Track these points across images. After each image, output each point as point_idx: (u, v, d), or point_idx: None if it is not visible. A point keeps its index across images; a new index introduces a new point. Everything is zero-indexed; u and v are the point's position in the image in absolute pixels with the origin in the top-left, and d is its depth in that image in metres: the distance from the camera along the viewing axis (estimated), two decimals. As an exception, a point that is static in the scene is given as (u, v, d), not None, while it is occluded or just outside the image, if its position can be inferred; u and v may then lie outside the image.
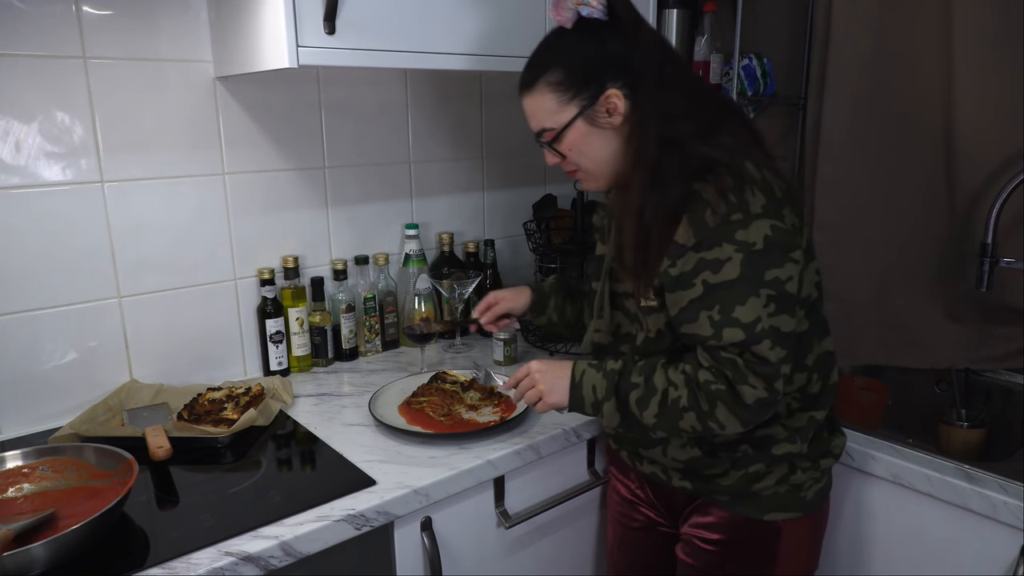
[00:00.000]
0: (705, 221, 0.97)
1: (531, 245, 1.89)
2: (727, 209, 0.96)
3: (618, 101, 1.03)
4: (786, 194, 1.01)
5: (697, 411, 1.01)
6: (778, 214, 0.98)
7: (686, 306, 1.01)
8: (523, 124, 1.14)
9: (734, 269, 0.96)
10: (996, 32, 1.46)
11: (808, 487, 1.15)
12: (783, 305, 0.98)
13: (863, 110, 1.61)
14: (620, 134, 1.05)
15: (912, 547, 1.28)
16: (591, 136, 1.06)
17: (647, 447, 1.18)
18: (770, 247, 0.96)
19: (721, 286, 0.97)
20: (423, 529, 1.18)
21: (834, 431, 1.20)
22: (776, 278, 0.97)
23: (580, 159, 1.10)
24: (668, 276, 1.02)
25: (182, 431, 1.27)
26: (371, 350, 1.73)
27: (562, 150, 1.09)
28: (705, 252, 0.98)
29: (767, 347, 0.97)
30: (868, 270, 1.65)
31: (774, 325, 0.97)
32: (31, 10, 1.24)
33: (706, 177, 0.98)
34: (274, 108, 1.54)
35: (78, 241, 1.35)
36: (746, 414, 1.00)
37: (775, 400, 1.00)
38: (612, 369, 1.08)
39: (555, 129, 1.07)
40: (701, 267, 0.98)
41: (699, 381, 1.01)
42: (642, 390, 1.05)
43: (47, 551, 0.91)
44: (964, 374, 1.58)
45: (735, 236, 0.96)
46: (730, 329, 0.97)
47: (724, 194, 0.96)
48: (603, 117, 1.04)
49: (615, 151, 1.07)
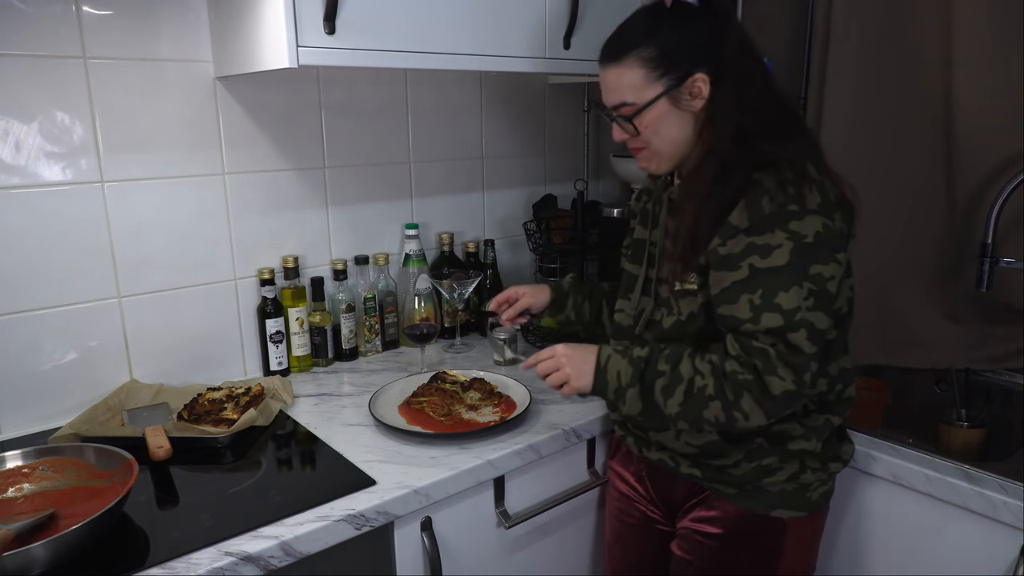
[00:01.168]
0: (762, 207, 0.99)
1: (531, 245, 1.89)
2: (784, 199, 0.98)
3: (703, 86, 1.05)
4: (839, 200, 1.04)
5: (723, 400, 1.02)
6: (830, 215, 1.01)
7: (728, 287, 1.02)
8: (523, 124, 1.14)
9: (783, 256, 0.98)
10: (996, 32, 1.46)
11: (815, 488, 1.16)
12: (821, 302, 1.00)
13: (863, 110, 1.61)
14: (697, 119, 1.07)
15: (912, 547, 1.28)
16: (670, 117, 1.07)
17: (658, 431, 1.18)
18: (820, 243, 0.99)
19: (767, 271, 0.99)
20: (423, 529, 1.18)
21: (843, 439, 1.23)
22: (820, 274, 0.99)
23: (653, 138, 1.10)
24: (716, 255, 1.03)
25: (182, 431, 1.27)
26: (371, 350, 1.73)
27: (639, 127, 1.09)
28: (756, 237, 0.99)
29: (803, 336, 0.98)
30: (867, 270, 1.64)
31: (810, 319, 0.99)
32: (31, 10, 1.24)
33: (768, 169, 1.01)
34: (274, 108, 1.54)
35: (78, 241, 1.35)
36: (771, 405, 1.01)
37: (801, 394, 1.01)
38: (639, 356, 1.09)
39: (636, 105, 1.07)
40: (750, 251, 1.00)
41: (726, 371, 1.02)
42: (668, 378, 1.05)
43: (47, 551, 0.91)
44: (964, 374, 1.58)
45: (789, 225, 0.98)
46: (769, 314, 0.98)
47: (784, 185, 0.99)
48: (686, 100, 1.06)
49: (689, 135, 1.09)
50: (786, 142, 1.04)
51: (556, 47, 1.51)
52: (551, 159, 2.08)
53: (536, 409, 1.40)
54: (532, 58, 1.48)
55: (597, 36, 1.56)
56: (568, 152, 2.11)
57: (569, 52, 1.53)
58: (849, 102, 1.62)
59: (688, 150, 1.10)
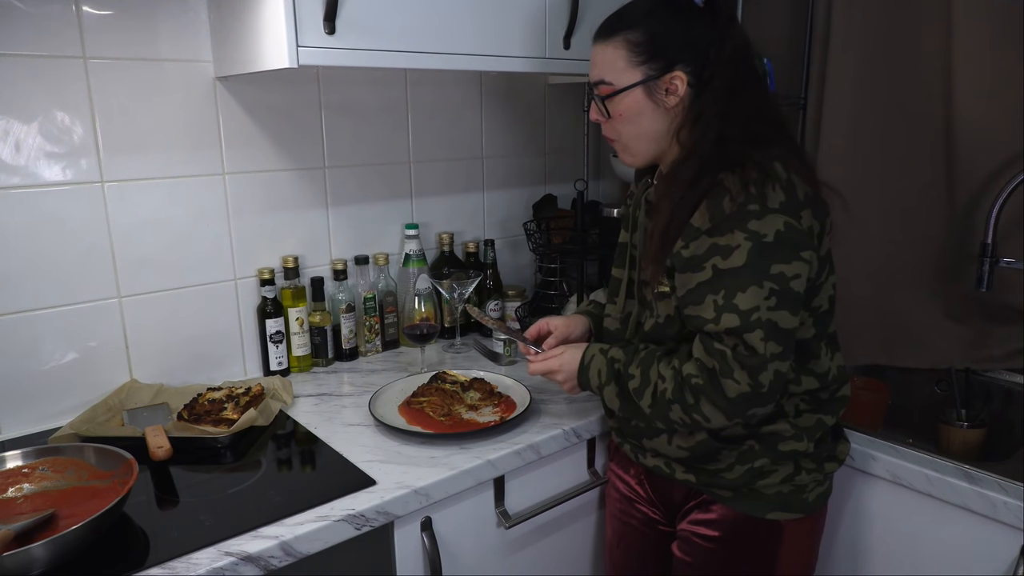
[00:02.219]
0: (723, 207, 0.99)
1: (531, 245, 1.89)
2: (745, 199, 0.98)
3: (680, 84, 1.05)
4: (810, 198, 1.03)
5: (682, 404, 1.04)
6: (795, 214, 1.00)
7: (694, 288, 1.02)
8: (523, 124, 1.15)
9: (741, 257, 0.98)
10: (996, 33, 1.46)
11: (811, 489, 1.15)
12: (785, 301, 0.99)
13: (863, 110, 1.61)
14: (671, 117, 1.08)
15: (912, 547, 1.28)
16: (643, 108, 1.08)
17: (651, 437, 1.19)
18: (780, 242, 0.98)
19: (728, 272, 0.99)
20: (423, 529, 1.18)
21: (839, 438, 1.22)
22: (781, 273, 0.99)
23: (623, 127, 1.11)
24: (680, 257, 1.04)
25: (182, 431, 1.27)
26: (371, 350, 1.73)
27: (612, 111, 1.10)
28: (718, 237, 1.00)
29: (758, 337, 0.98)
30: (867, 270, 1.65)
31: (771, 319, 0.98)
32: (31, 10, 1.24)
33: (733, 169, 1.00)
34: (274, 108, 1.54)
35: (78, 241, 1.35)
36: (728, 407, 1.01)
37: (760, 395, 1.00)
38: (613, 357, 1.14)
39: (614, 86, 1.08)
40: (712, 252, 1.00)
41: (683, 375, 1.04)
42: (638, 381, 1.09)
43: (47, 551, 0.91)
44: (964, 374, 1.58)
45: (747, 225, 0.98)
46: (728, 314, 0.99)
47: (746, 185, 0.99)
48: (660, 94, 1.07)
49: (659, 131, 1.09)
50: (764, 149, 1.03)
51: (556, 47, 1.51)
52: (551, 159, 2.08)
53: (536, 409, 1.40)
54: (532, 58, 1.48)
55: (597, 36, 1.57)
56: (568, 152, 2.11)
57: (569, 52, 1.53)
58: (849, 102, 1.62)
59: (658, 148, 1.11)
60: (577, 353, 1.19)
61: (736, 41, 1.06)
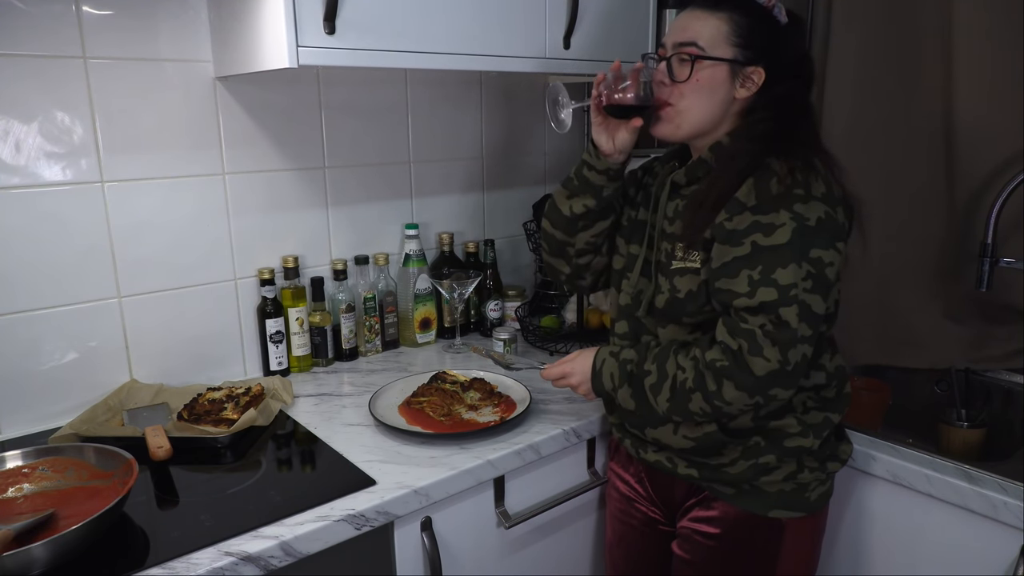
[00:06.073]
0: (769, 187, 1.03)
1: (531, 245, 1.89)
2: (791, 183, 1.02)
3: (758, 79, 1.09)
4: (842, 198, 1.07)
5: (703, 391, 1.04)
6: (833, 207, 1.04)
7: (729, 261, 1.03)
8: (522, 124, 1.14)
9: (784, 235, 1.00)
10: (996, 32, 1.46)
11: (813, 488, 1.16)
12: (818, 285, 1.01)
13: (863, 110, 1.61)
14: (732, 104, 1.11)
15: (912, 547, 1.28)
16: (721, 84, 1.10)
17: (655, 426, 1.19)
18: (821, 227, 1.01)
19: (768, 249, 1.01)
20: (423, 529, 1.18)
21: (841, 438, 1.24)
22: (819, 258, 1.01)
23: (692, 94, 1.11)
24: (722, 229, 1.05)
25: (182, 431, 1.27)
26: (371, 350, 1.73)
27: (693, 75, 1.10)
28: (761, 215, 1.02)
29: (794, 312, 0.99)
30: (867, 270, 1.65)
31: (806, 300, 1.00)
32: (31, 10, 1.24)
33: (779, 156, 1.05)
34: (274, 108, 1.54)
35: (78, 241, 1.35)
36: (754, 385, 1.01)
37: (786, 373, 1.01)
38: (625, 359, 1.15)
39: (704, 53, 1.09)
40: (754, 228, 1.02)
41: (706, 360, 1.04)
42: (655, 376, 1.10)
43: (47, 551, 0.91)
44: (964, 374, 1.58)
45: (793, 207, 1.01)
46: (765, 288, 1.00)
47: (792, 171, 1.03)
48: (739, 80, 1.10)
49: (717, 112, 1.12)
50: (806, 150, 1.08)
51: (556, 47, 1.51)
52: (551, 159, 2.08)
53: (536, 409, 1.40)
54: (532, 58, 1.48)
55: (597, 36, 1.58)
56: (568, 152, 2.11)
57: (569, 52, 1.53)
58: (849, 102, 1.62)
59: (706, 126, 1.13)
60: (589, 357, 1.20)
61: (809, 66, 1.14)
